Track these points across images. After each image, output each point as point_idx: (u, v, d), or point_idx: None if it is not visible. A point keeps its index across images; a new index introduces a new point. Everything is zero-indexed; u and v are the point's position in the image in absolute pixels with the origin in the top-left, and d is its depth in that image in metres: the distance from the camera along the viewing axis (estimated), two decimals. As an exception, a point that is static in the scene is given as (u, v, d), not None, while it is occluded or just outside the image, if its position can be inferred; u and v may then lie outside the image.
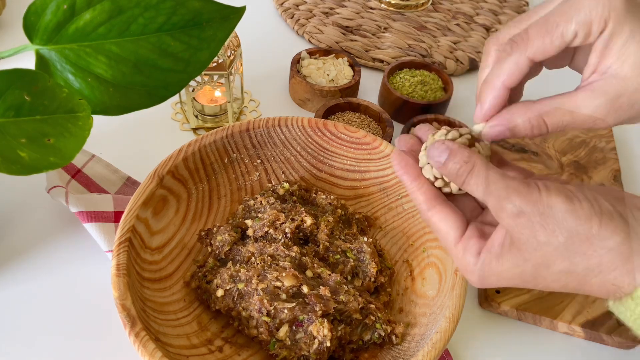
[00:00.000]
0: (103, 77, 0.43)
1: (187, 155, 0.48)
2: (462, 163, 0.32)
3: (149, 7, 0.43)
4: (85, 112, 0.42)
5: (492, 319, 0.51)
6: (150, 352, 0.36)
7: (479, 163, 0.32)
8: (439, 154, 0.33)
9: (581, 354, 0.49)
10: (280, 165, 0.53)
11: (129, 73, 0.44)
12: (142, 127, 0.64)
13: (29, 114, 0.41)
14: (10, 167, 0.39)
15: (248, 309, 0.42)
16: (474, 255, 0.33)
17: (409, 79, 0.69)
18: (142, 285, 0.42)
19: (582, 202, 0.29)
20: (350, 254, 0.47)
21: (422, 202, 0.35)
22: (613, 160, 0.64)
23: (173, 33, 0.44)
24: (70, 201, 0.50)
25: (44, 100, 0.41)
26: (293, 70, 0.68)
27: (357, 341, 0.43)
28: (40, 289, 0.49)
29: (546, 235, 0.30)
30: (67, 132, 0.41)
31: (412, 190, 0.36)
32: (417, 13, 0.86)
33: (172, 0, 0.43)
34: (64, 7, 0.42)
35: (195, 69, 0.46)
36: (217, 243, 0.46)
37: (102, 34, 0.43)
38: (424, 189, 0.35)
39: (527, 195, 0.30)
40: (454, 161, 0.32)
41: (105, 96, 0.44)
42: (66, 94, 0.41)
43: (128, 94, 0.44)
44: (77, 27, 0.42)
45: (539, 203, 0.30)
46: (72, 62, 0.43)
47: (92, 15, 0.42)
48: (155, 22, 0.43)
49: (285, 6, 0.85)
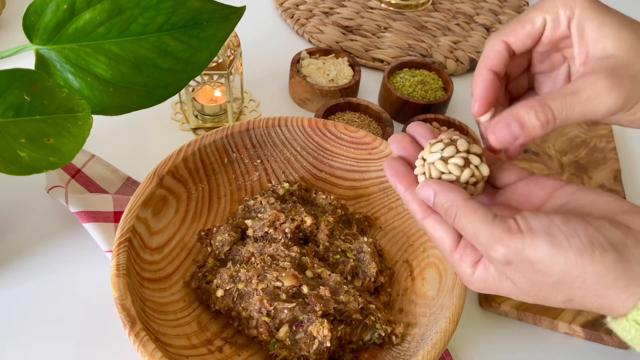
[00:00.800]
0: (103, 77, 0.43)
1: (187, 155, 0.48)
2: (446, 208, 0.32)
3: (148, 7, 0.43)
4: (85, 112, 0.42)
5: (492, 319, 0.51)
6: (150, 353, 0.36)
7: (461, 209, 0.31)
8: (426, 196, 0.33)
9: (581, 354, 0.49)
10: (280, 165, 0.53)
11: (128, 73, 0.44)
12: (142, 127, 0.63)
13: (29, 114, 0.41)
14: (10, 167, 0.39)
15: (248, 309, 0.42)
16: (469, 265, 0.33)
17: (409, 79, 0.69)
18: (141, 285, 0.42)
19: (569, 239, 0.28)
20: (350, 254, 0.47)
21: (417, 211, 0.35)
22: (613, 160, 0.64)
23: (173, 33, 0.44)
24: (70, 201, 0.50)
25: (43, 100, 0.41)
26: (293, 70, 0.68)
27: (357, 341, 0.43)
28: (40, 289, 0.49)
29: (539, 276, 0.30)
30: (66, 132, 0.41)
31: (406, 200, 0.35)
32: (417, 13, 0.86)
33: (172, 0, 0.43)
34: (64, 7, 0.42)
35: (195, 69, 0.46)
36: (217, 243, 0.46)
37: (101, 34, 0.43)
38: (417, 197, 0.35)
39: (511, 243, 0.29)
40: (440, 204, 0.32)
41: (105, 96, 0.44)
42: (66, 94, 0.41)
43: (128, 93, 0.44)
44: (76, 27, 0.42)
45: (524, 250, 0.29)
46: (72, 62, 0.43)
47: (92, 15, 0.42)
48: (155, 22, 0.43)
49: (285, 6, 0.85)
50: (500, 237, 0.29)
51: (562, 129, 0.67)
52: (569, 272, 0.29)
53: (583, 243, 0.28)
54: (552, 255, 0.28)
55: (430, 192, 0.33)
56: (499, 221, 0.30)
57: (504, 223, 0.30)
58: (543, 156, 0.63)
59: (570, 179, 0.62)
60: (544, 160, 0.63)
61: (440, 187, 0.33)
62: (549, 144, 0.65)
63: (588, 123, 0.68)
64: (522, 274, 0.30)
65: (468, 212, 0.31)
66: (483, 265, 0.32)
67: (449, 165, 0.34)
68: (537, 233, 0.29)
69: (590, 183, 0.61)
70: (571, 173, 0.62)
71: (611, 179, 0.62)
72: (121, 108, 0.45)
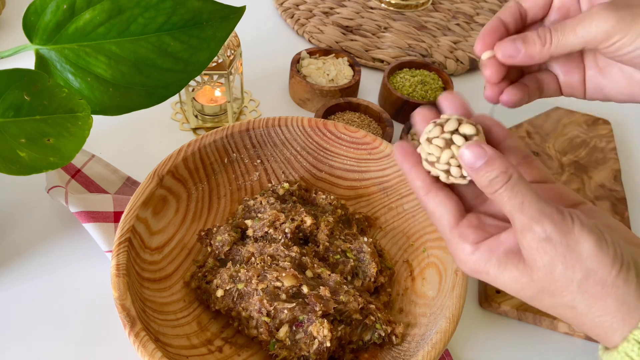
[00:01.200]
0: (103, 77, 0.43)
1: (187, 155, 0.48)
2: (498, 173, 0.31)
3: (148, 7, 0.43)
4: (84, 112, 0.42)
5: (492, 319, 0.51)
6: (150, 353, 0.36)
7: (516, 177, 0.31)
8: (474, 158, 0.31)
9: (581, 354, 0.49)
10: (280, 165, 0.53)
11: (128, 73, 0.44)
12: (142, 127, 0.63)
13: (29, 114, 0.41)
14: (10, 167, 0.39)
15: (248, 309, 0.42)
16: (470, 243, 0.32)
17: (409, 79, 0.69)
18: (141, 285, 0.42)
19: (609, 247, 0.29)
20: (350, 254, 0.47)
21: (419, 187, 0.35)
22: (613, 160, 0.64)
23: (173, 33, 0.44)
24: (69, 201, 0.50)
25: (43, 100, 0.41)
26: (293, 70, 0.68)
27: (357, 341, 0.43)
28: (39, 289, 0.49)
29: (564, 268, 0.30)
30: (66, 132, 0.41)
31: (410, 177, 0.36)
32: (417, 13, 0.86)
33: (172, 0, 0.43)
34: (64, 7, 0.42)
35: (195, 69, 0.46)
36: (217, 243, 0.46)
37: (101, 34, 0.43)
38: (422, 175, 0.35)
39: (560, 225, 0.29)
40: (490, 169, 0.31)
41: (104, 96, 0.44)
42: (66, 94, 0.41)
43: (128, 93, 0.44)
44: (76, 27, 0.42)
45: (569, 235, 0.29)
46: (71, 62, 0.43)
47: (92, 15, 0.42)
48: (155, 22, 0.43)
49: (285, 6, 0.85)
50: (551, 215, 0.30)
51: (562, 129, 0.67)
52: (595, 274, 0.29)
53: (617, 253, 0.29)
54: (592, 252, 0.29)
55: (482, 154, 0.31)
56: (550, 203, 0.30)
57: (556, 206, 0.30)
58: (543, 156, 0.63)
59: (570, 178, 0.62)
60: (544, 160, 0.63)
61: (494, 152, 0.31)
62: (549, 144, 0.65)
63: (588, 122, 0.68)
64: (550, 258, 0.30)
65: (522, 183, 0.31)
66: (489, 247, 0.32)
67: (431, 146, 0.34)
68: (586, 227, 0.29)
69: (590, 183, 0.61)
70: (571, 173, 0.62)
71: (611, 179, 0.62)
72: (121, 108, 0.45)
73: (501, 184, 0.31)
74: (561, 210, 0.30)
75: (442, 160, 0.33)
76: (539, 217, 0.30)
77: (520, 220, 0.30)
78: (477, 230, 0.33)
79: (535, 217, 0.30)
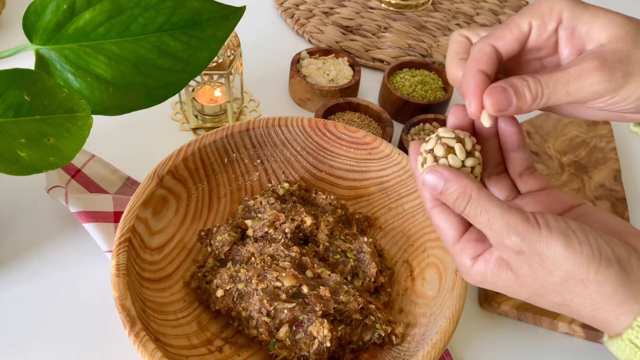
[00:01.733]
0: (103, 77, 0.43)
1: (186, 155, 0.48)
2: (457, 195, 0.32)
3: (148, 7, 0.43)
4: (84, 112, 0.42)
5: (492, 319, 0.51)
6: (150, 353, 0.36)
7: (475, 195, 0.31)
8: (434, 182, 0.33)
9: (581, 354, 0.49)
10: (280, 165, 0.53)
11: (128, 73, 0.44)
12: (142, 127, 0.63)
13: (29, 114, 0.41)
14: (10, 167, 0.39)
15: (248, 309, 0.42)
16: (470, 257, 0.34)
17: (409, 79, 0.69)
18: (141, 285, 0.42)
19: (582, 246, 0.29)
20: (350, 254, 0.47)
21: (427, 200, 0.35)
22: (613, 160, 0.64)
23: (173, 33, 0.44)
24: (69, 201, 0.50)
25: (43, 100, 0.41)
26: (293, 70, 0.68)
27: (357, 341, 0.43)
28: (40, 289, 0.49)
29: (544, 273, 0.30)
30: (66, 132, 0.41)
31: (420, 187, 0.36)
32: (417, 13, 0.86)
33: (172, 0, 0.43)
34: (64, 7, 0.42)
35: (195, 69, 0.46)
36: (217, 243, 0.46)
37: (101, 34, 0.43)
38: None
39: (528, 235, 0.30)
40: (450, 191, 0.32)
41: (104, 96, 0.44)
42: (66, 94, 0.41)
43: (127, 93, 0.44)
44: (76, 27, 0.42)
45: (538, 243, 0.30)
46: (71, 62, 0.43)
47: (92, 15, 0.42)
48: (155, 22, 0.43)
49: (285, 6, 0.85)
50: (517, 226, 0.30)
51: (562, 129, 0.67)
52: (573, 275, 0.30)
53: (593, 251, 0.29)
54: (564, 256, 0.29)
55: (440, 179, 0.32)
56: (515, 211, 0.30)
57: (521, 214, 0.30)
58: (543, 156, 0.63)
59: (570, 178, 0.62)
60: (544, 160, 0.63)
61: (451, 174, 0.32)
62: (549, 144, 0.65)
63: (588, 122, 0.68)
64: (529, 267, 0.31)
65: (483, 200, 0.31)
66: (483, 259, 0.33)
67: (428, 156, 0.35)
68: (554, 231, 0.30)
69: (590, 183, 0.61)
70: (571, 173, 0.62)
71: (611, 179, 0.62)
72: (121, 108, 0.45)
73: (464, 204, 0.32)
74: (527, 217, 0.30)
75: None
76: (506, 231, 0.30)
77: (491, 236, 0.31)
78: (477, 244, 0.34)
79: (503, 233, 0.30)
